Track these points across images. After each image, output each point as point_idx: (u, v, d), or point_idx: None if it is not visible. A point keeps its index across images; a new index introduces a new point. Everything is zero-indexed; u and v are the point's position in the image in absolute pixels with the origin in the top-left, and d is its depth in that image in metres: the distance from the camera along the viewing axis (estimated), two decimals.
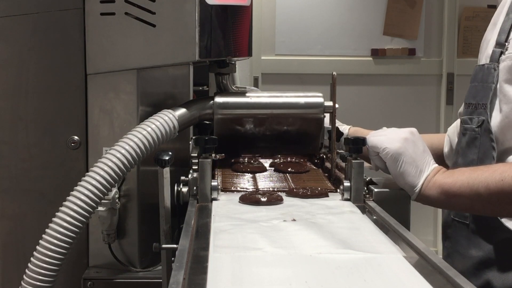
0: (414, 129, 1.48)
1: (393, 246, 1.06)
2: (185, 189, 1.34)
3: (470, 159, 1.55)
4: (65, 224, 1.24)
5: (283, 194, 1.39)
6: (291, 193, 1.40)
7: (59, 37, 1.53)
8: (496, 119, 1.50)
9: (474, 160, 1.54)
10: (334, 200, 1.37)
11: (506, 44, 1.50)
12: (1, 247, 1.58)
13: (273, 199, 1.33)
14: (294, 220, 1.20)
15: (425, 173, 1.42)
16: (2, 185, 1.56)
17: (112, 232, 1.50)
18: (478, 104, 1.55)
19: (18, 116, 1.55)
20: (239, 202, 1.32)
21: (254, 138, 1.61)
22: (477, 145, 1.54)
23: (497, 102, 1.50)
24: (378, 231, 1.14)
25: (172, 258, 1.30)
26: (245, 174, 1.52)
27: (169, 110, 1.46)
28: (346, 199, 1.35)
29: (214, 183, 1.33)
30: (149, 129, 1.39)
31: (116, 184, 1.35)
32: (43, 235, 1.24)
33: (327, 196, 1.40)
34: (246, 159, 1.61)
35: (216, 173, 1.52)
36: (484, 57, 1.58)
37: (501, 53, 1.50)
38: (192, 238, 1.08)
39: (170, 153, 1.31)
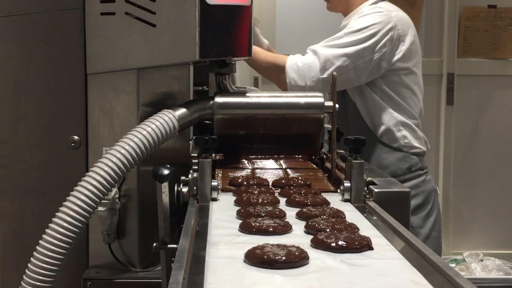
0: None
1: None
2: (185, 189, 1.34)
3: None
4: (65, 224, 1.24)
5: (305, 242, 1.01)
6: (318, 243, 1.00)
7: (59, 37, 1.53)
8: None
9: None
10: (383, 258, 0.97)
11: None
12: (1, 247, 1.58)
13: (295, 257, 0.91)
14: None
15: None
16: (2, 185, 1.56)
17: (112, 232, 1.50)
18: None
19: (18, 116, 1.55)
20: (244, 261, 0.94)
21: (254, 138, 1.61)
22: None
23: None
24: None
25: (172, 258, 1.30)
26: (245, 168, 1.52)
27: (169, 110, 1.45)
28: (346, 200, 1.35)
29: (214, 183, 1.33)
30: (149, 129, 1.38)
31: (116, 184, 1.35)
32: (43, 235, 1.24)
33: (371, 248, 1.00)
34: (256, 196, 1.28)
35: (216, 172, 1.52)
36: None
37: None
38: (192, 238, 1.08)
39: (168, 166, 1.24)
